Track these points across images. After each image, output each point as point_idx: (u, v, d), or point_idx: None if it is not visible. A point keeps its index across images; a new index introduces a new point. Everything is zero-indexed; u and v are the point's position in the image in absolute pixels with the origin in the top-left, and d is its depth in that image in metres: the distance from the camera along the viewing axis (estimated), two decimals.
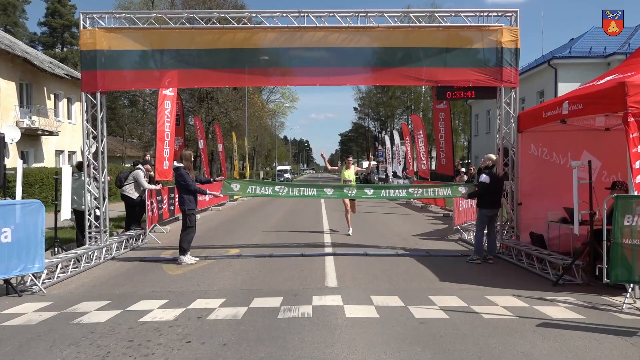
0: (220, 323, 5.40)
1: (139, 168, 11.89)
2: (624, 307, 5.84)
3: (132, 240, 10.73)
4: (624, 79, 6.49)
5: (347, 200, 11.90)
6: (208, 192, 9.52)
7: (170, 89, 12.96)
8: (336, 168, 14.69)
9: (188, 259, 8.85)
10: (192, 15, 9.57)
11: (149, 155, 13.24)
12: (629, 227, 5.78)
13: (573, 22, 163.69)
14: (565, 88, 21.63)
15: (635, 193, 6.06)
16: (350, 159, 12.75)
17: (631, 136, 6.14)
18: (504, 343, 4.74)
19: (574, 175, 7.09)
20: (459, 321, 5.41)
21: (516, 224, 9.49)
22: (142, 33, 9.35)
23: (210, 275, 7.92)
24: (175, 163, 9.15)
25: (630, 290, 6.06)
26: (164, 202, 14.01)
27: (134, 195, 11.66)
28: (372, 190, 10.07)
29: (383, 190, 10.36)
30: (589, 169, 7.05)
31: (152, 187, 12.24)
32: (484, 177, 8.95)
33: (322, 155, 12.88)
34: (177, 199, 11.87)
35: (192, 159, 9.17)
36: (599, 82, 7.44)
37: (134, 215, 11.81)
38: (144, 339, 4.90)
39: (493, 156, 9.21)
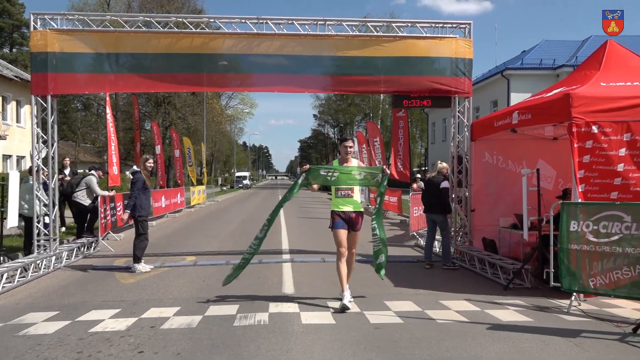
0: (174, 332, 5.31)
1: (92, 174, 11.59)
2: (569, 309, 6.10)
3: (84, 248, 10.41)
4: (569, 91, 6.79)
5: (343, 238, 6.62)
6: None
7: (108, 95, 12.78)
8: (316, 188, 6.77)
9: (142, 267, 8.66)
10: (148, 19, 9.40)
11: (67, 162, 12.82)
12: (574, 232, 6.02)
13: (525, 34, 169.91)
14: (517, 98, 22.38)
15: (580, 200, 6.34)
16: (350, 143, 6.51)
17: (575, 145, 6.43)
18: (456, 346, 4.85)
19: (523, 183, 7.37)
20: (413, 326, 5.50)
21: (469, 230, 9.72)
22: (97, 36, 9.12)
23: (165, 283, 7.77)
24: (135, 167, 9.02)
25: (575, 293, 6.32)
26: (118, 208, 13.66)
27: (86, 201, 11.33)
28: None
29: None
30: (537, 177, 7.32)
31: (106, 193, 11.94)
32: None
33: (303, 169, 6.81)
34: None
35: (150, 165, 8.90)
36: (547, 95, 7.74)
37: (86, 222, 11.47)
38: (94, 350, 4.76)
39: (437, 163, 9.55)
